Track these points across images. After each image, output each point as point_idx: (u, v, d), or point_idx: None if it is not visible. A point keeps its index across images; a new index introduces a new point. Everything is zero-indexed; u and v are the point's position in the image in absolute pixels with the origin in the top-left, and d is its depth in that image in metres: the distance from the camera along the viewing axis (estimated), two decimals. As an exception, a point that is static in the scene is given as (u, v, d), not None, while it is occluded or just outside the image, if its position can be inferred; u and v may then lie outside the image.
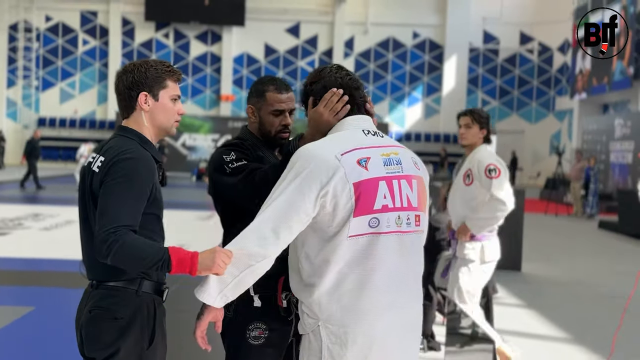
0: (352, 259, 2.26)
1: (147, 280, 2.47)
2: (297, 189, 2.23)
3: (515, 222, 9.48)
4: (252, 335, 2.73)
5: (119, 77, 2.53)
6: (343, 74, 2.48)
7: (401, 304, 2.32)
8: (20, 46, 32.72)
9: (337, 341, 2.27)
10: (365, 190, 2.24)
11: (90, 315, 2.44)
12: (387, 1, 32.71)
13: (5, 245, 10.08)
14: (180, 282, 7.73)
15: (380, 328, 2.28)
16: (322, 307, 2.29)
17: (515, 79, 33.16)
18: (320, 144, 2.36)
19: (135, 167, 2.37)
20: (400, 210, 2.31)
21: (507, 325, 6.39)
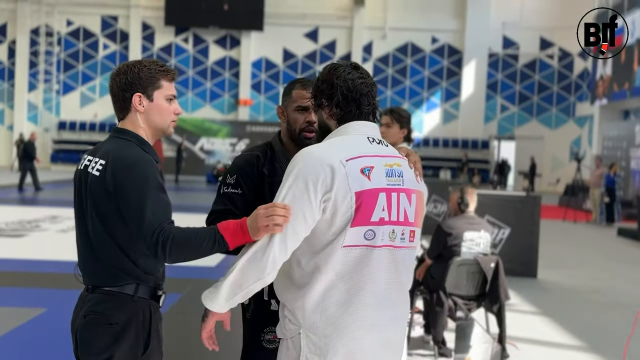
0: (343, 270, 2.20)
1: (143, 285, 2.44)
2: (301, 193, 2.16)
3: (530, 228, 9.40)
4: (266, 338, 2.72)
5: (112, 79, 2.52)
6: (355, 76, 2.33)
7: (385, 322, 2.27)
8: (42, 50, 33.06)
9: (317, 352, 2.21)
10: (365, 200, 2.18)
11: (84, 319, 2.42)
12: (406, 6, 32.64)
13: (22, 246, 10.16)
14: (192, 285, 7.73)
15: (362, 344, 2.22)
16: (306, 314, 2.23)
17: (535, 84, 32.90)
18: (324, 147, 2.27)
19: (144, 168, 2.36)
20: (395, 224, 2.25)
21: (521, 332, 6.32)
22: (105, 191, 2.37)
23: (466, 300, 5.68)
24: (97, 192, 2.39)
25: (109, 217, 2.39)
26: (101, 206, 2.40)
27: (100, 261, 2.43)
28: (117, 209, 2.36)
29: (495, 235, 9.25)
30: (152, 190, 2.32)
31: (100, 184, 2.39)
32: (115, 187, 2.34)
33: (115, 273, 2.41)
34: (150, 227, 2.25)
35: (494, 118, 32.91)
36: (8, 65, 33.43)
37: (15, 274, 8.19)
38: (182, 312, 6.59)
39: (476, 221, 5.86)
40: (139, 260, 2.42)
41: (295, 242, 2.19)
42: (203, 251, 2.26)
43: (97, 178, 2.40)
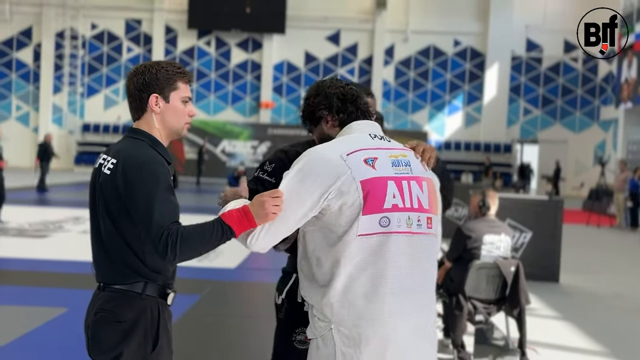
0: (362, 260, 2.23)
1: (151, 283, 2.46)
2: (299, 186, 2.25)
3: (553, 232, 9.32)
4: (297, 339, 2.74)
5: (130, 79, 2.53)
6: (342, 84, 2.52)
7: (411, 308, 2.29)
8: (67, 53, 33.45)
9: (350, 344, 2.24)
10: (374, 188, 2.23)
11: (95, 317, 2.45)
12: (428, 9, 32.54)
13: (44, 247, 10.27)
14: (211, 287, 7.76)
15: (392, 331, 2.24)
16: (333, 309, 2.26)
17: (558, 87, 32.62)
18: (326, 146, 2.37)
19: (153, 169, 2.37)
20: (410, 210, 2.29)
21: (542, 337, 6.26)
22: (115, 190, 2.39)
23: (486, 304, 5.63)
24: (108, 191, 2.42)
25: (118, 216, 2.41)
26: (111, 205, 2.42)
27: (110, 259, 2.45)
28: (126, 209, 2.38)
29: (517, 239, 9.18)
30: (161, 191, 2.34)
31: (110, 183, 2.41)
32: (125, 187, 2.36)
33: (125, 271, 2.43)
34: (159, 229, 2.27)
35: (516, 121, 32.67)
36: (33, 68, 33.86)
37: (37, 274, 8.29)
38: (200, 314, 6.62)
39: (497, 224, 5.81)
40: (148, 259, 2.44)
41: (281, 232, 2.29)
42: (211, 245, 2.30)
43: (107, 177, 2.42)
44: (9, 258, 9.50)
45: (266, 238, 2.28)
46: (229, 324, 6.44)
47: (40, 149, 20.43)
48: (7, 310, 6.53)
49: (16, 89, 33.91)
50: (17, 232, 11.57)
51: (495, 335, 5.78)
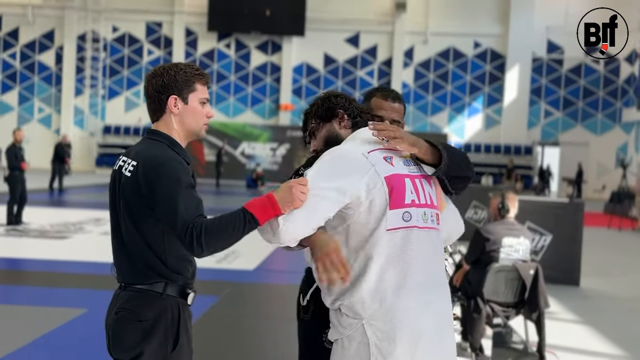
0: (390, 254, 2.30)
1: (172, 284, 2.48)
2: (326, 179, 2.28)
3: (573, 235, 9.24)
4: (327, 339, 2.71)
5: (148, 81, 2.55)
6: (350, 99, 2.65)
7: (436, 297, 2.38)
8: (88, 56, 33.76)
9: (385, 337, 2.27)
10: (396, 184, 2.32)
11: (116, 316, 2.48)
12: (448, 11, 32.43)
13: (65, 248, 10.37)
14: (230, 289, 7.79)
15: (423, 321, 2.30)
16: (365, 305, 2.29)
17: (580, 89, 32.34)
18: (346, 145, 2.44)
19: (174, 167, 2.39)
20: (425, 206, 2.38)
21: (562, 341, 6.21)
22: (137, 191, 2.41)
23: (504, 308, 5.60)
24: (129, 192, 2.44)
25: (140, 217, 2.43)
26: (133, 206, 2.44)
27: (131, 260, 2.48)
28: (148, 209, 2.41)
29: (537, 242, 9.11)
30: (183, 187, 2.35)
31: (131, 185, 2.43)
32: (147, 188, 2.38)
33: (146, 272, 2.45)
34: (185, 223, 2.28)
35: (537, 123, 32.44)
36: (55, 71, 34.22)
37: (58, 275, 8.37)
38: (219, 315, 6.64)
39: (516, 227, 5.78)
40: (169, 259, 2.46)
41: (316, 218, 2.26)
42: (236, 235, 2.28)
43: (128, 179, 2.44)
44: (30, 259, 9.61)
45: (297, 226, 2.24)
46: (247, 325, 6.45)
47: (56, 150, 20.49)
48: (28, 310, 6.60)
49: (38, 91, 34.28)
50: (38, 233, 11.70)
51: (514, 339, 5.74)
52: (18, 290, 7.73)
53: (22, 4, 33.68)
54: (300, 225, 2.24)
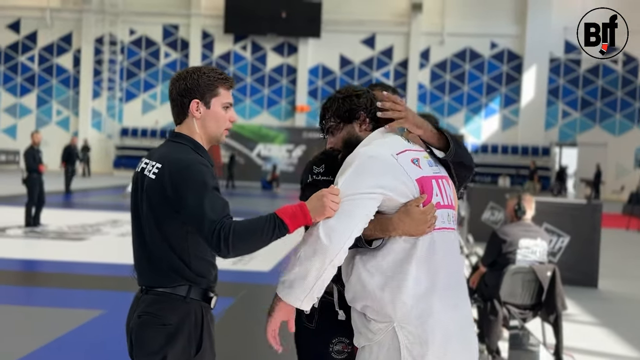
0: (420, 256, 2.29)
1: (195, 287, 2.47)
2: (359, 184, 2.26)
3: (591, 237, 9.16)
4: (335, 349, 2.69)
5: (172, 84, 2.55)
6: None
7: (461, 300, 2.38)
8: (106, 59, 34.01)
9: (416, 340, 2.26)
10: (425, 186, 2.32)
11: (139, 320, 2.47)
12: (464, 11, 32.31)
13: (83, 250, 10.44)
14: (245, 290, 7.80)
15: (452, 323, 2.30)
16: (396, 308, 2.27)
17: (598, 89, 32.09)
18: (373, 146, 2.38)
19: (199, 170, 2.39)
20: (448, 207, 2.39)
21: (580, 343, 6.16)
22: (162, 194, 2.41)
23: (521, 310, 5.56)
24: (153, 195, 2.43)
25: (164, 220, 2.43)
26: (157, 209, 2.43)
27: (154, 263, 2.47)
28: (173, 212, 2.40)
29: (554, 243, 9.05)
30: (209, 189, 2.35)
31: (156, 187, 2.42)
32: (173, 190, 2.37)
33: (169, 275, 2.44)
34: (211, 224, 2.27)
35: (555, 124, 32.23)
36: (73, 74, 34.50)
37: (76, 276, 8.42)
38: (235, 317, 6.65)
39: (533, 229, 5.74)
40: (192, 262, 2.46)
41: (355, 231, 2.24)
42: (264, 239, 2.27)
43: (153, 181, 2.44)
44: (48, 260, 9.69)
45: (338, 235, 2.21)
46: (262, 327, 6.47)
47: (65, 152, 20.53)
48: (47, 311, 6.65)
49: (56, 94, 34.59)
50: (56, 234, 11.79)
51: (531, 341, 5.69)
52: (36, 291, 7.79)
53: (41, 7, 34.00)
54: (341, 236, 2.22)
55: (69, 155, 20.31)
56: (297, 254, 2.27)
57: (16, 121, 34.71)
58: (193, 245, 2.44)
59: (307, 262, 2.23)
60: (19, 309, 6.80)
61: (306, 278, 2.24)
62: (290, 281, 2.28)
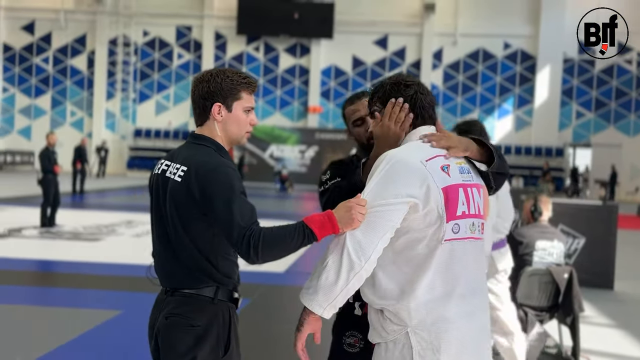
0: (439, 265, 2.28)
1: (222, 288, 2.48)
2: (386, 193, 2.25)
3: (606, 238, 9.11)
4: (347, 342, 2.74)
5: (195, 86, 2.55)
6: (423, 88, 2.53)
7: (479, 309, 2.37)
8: (119, 60, 34.18)
9: (429, 347, 2.26)
10: (451, 195, 2.28)
11: (167, 321, 2.46)
12: (478, 12, 32.21)
13: (98, 250, 10.49)
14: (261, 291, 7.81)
15: (468, 333, 2.30)
16: (411, 313, 2.27)
17: (612, 90, 31.91)
18: (403, 150, 2.37)
19: (227, 172, 2.39)
20: (474, 217, 2.35)
21: (596, 345, 6.12)
22: (189, 197, 2.40)
23: (538, 311, 5.54)
24: (179, 197, 2.42)
25: (190, 222, 2.42)
26: (183, 211, 2.43)
27: (181, 264, 2.46)
28: (199, 214, 2.40)
29: (570, 245, 9.00)
30: (237, 194, 2.35)
31: (182, 190, 2.41)
32: (201, 193, 2.37)
33: (196, 276, 2.44)
34: (241, 230, 2.28)
35: (569, 125, 32.07)
36: (87, 75, 34.70)
37: (92, 277, 8.47)
38: (251, 318, 6.67)
39: (549, 230, 5.72)
40: (220, 263, 2.46)
41: (383, 240, 2.25)
42: (292, 247, 2.30)
43: (178, 184, 2.43)
44: (64, 261, 9.74)
45: (365, 249, 2.24)
46: (279, 328, 6.48)
47: (76, 153, 20.58)
48: (64, 312, 6.69)
49: (71, 95, 34.80)
50: (71, 235, 11.86)
51: (548, 343, 5.67)
52: (53, 292, 7.85)
53: (55, 9, 34.23)
54: (372, 251, 2.24)
55: (79, 155, 20.45)
56: (324, 263, 2.28)
57: (31, 122, 34.96)
58: (219, 246, 2.45)
59: (333, 272, 2.25)
60: (36, 309, 6.85)
61: (331, 288, 2.26)
62: (315, 288, 2.29)
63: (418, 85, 2.49)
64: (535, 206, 5.76)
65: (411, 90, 2.47)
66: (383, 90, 2.52)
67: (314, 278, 2.30)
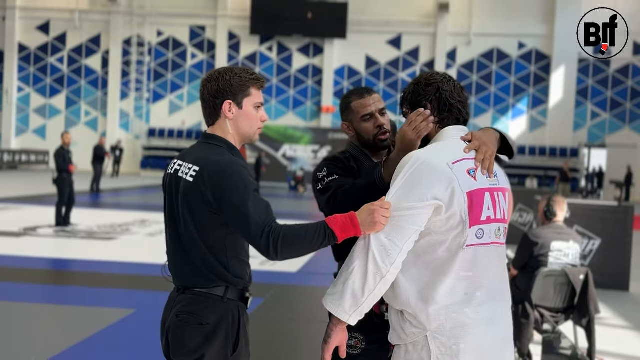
0: (462, 270, 2.25)
1: (232, 287, 2.49)
2: (411, 196, 2.22)
3: (622, 240, 9.04)
4: (348, 344, 2.70)
5: (204, 85, 2.55)
6: (455, 84, 2.46)
7: (500, 314, 2.33)
8: (133, 60, 34.34)
9: (448, 352, 2.23)
10: (475, 200, 2.24)
11: (177, 319, 2.47)
12: (492, 11, 32.08)
13: (112, 249, 10.54)
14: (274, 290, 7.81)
15: (488, 339, 2.27)
16: (431, 318, 2.25)
17: (627, 90, 31.67)
18: (430, 151, 2.32)
19: (239, 172, 2.40)
20: (499, 222, 2.32)
21: (612, 347, 6.08)
22: (201, 197, 2.40)
23: (553, 313, 5.50)
24: (192, 197, 2.43)
25: (203, 222, 2.43)
26: (195, 211, 2.43)
27: (192, 264, 2.48)
28: (212, 214, 2.40)
29: (585, 246, 8.94)
30: (251, 191, 2.36)
31: (195, 190, 2.42)
32: (213, 193, 2.37)
33: (207, 275, 2.45)
34: (259, 228, 2.29)
35: (583, 125, 31.87)
36: (102, 75, 34.89)
37: (106, 276, 8.51)
38: (264, 317, 6.67)
39: (565, 231, 5.67)
40: (231, 264, 2.47)
41: (408, 243, 2.23)
42: (312, 247, 2.31)
43: (191, 184, 2.43)
44: (78, 260, 9.80)
45: (391, 253, 2.22)
46: (291, 328, 6.47)
47: (97, 152, 20.81)
48: (78, 310, 6.73)
49: (85, 94, 35.00)
50: (86, 234, 11.92)
51: (563, 345, 5.64)
52: (67, 290, 7.89)
53: (70, 9, 34.45)
54: (397, 255, 2.23)
55: (96, 155, 20.63)
56: (350, 268, 2.26)
57: (45, 122, 35.19)
58: (231, 247, 2.46)
59: (360, 277, 2.24)
60: (50, 308, 6.90)
61: (357, 293, 2.24)
62: (341, 294, 2.27)
63: (442, 82, 2.42)
64: (548, 207, 5.72)
65: (432, 88, 2.42)
66: (408, 91, 2.50)
67: (339, 283, 2.28)
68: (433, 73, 2.49)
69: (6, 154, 31.97)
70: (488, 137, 2.41)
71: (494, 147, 2.38)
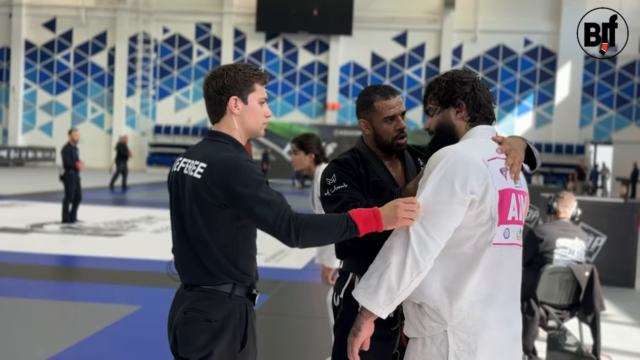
0: (487, 268, 2.27)
1: (240, 284, 2.49)
2: (448, 190, 2.23)
3: (628, 237, 9.03)
4: None
5: (208, 82, 2.56)
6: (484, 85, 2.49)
7: (515, 315, 2.37)
8: (139, 57, 34.40)
9: (466, 348, 2.25)
10: (505, 199, 2.27)
11: (185, 316, 2.48)
12: (498, 8, 32.01)
13: (119, 246, 10.58)
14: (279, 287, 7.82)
15: (503, 338, 2.30)
16: (453, 313, 2.27)
17: (634, 87, 31.56)
18: (464, 146, 2.32)
19: (247, 166, 2.41)
20: (519, 223, 2.36)
21: (617, 344, 6.08)
22: (210, 194, 2.41)
23: (559, 310, 5.50)
24: (200, 195, 2.43)
25: (211, 220, 2.43)
26: (204, 208, 2.44)
27: (199, 262, 2.48)
28: (221, 210, 2.41)
29: (591, 243, 8.93)
30: (262, 185, 2.37)
31: (202, 187, 2.42)
32: (223, 189, 2.38)
33: (214, 273, 2.46)
34: (277, 216, 2.30)
35: (590, 122, 31.79)
36: (108, 72, 34.95)
37: (112, 272, 8.55)
38: (270, 313, 6.69)
39: (570, 228, 5.67)
40: (238, 260, 2.48)
41: (444, 237, 2.24)
42: (334, 237, 2.32)
43: (198, 181, 2.43)
44: (85, 256, 9.84)
45: (430, 249, 2.23)
46: (297, 324, 6.50)
47: (121, 150, 21.46)
48: (84, 306, 6.76)
49: (91, 92, 35.08)
50: (92, 231, 11.97)
51: (569, 342, 5.64)
52: (73, 286, 7.93)
53: (76, 6, 34.52)
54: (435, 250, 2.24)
55: (123, 152, 21.29)
56: (387, 262, 2.27)
57: (52, 119, 35.30)
58: (242, 242, 2.46)
59: (397, 271, 2.24)
60: (57, 304, 6.93)
61: (393, 287, 2.25)
62: (375, 287, 2.28)
63: (475, 82, 2.44)
64: (550, 204, 5.72)
65: (467, 87, 2.42)
66: (439, 87, 2.48)
67: (373, 277, 2.29)
68: (465, 71, 2.51)
69: (13, 150, 32.08)
70: (518, 144, 2.43)
71: (523, 154, 2.41)
